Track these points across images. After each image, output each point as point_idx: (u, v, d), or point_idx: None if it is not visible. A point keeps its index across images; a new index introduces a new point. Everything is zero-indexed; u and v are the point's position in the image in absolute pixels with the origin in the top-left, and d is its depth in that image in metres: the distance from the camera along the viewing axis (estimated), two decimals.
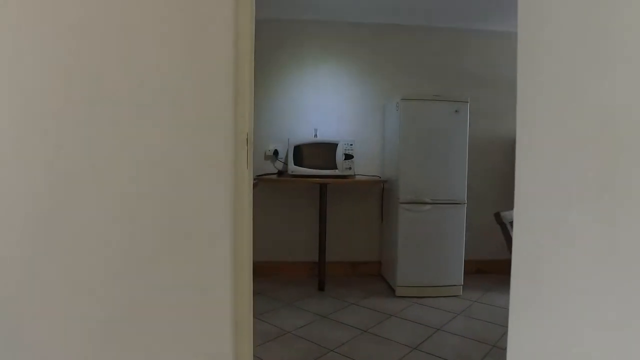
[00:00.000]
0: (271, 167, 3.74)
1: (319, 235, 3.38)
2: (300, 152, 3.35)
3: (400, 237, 3.21)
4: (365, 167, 3.80)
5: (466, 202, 3.25)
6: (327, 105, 3.76)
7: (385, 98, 3.79)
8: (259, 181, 3.39)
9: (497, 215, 1.65)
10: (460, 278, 3.28)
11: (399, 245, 3.21)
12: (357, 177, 3.53)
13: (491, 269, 3.96)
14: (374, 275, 3.82)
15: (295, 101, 3.74)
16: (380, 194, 3.83)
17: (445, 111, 3.18)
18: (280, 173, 3.66)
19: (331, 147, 3.35)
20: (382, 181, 3.47)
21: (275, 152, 3.70)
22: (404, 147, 3.18)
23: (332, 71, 3.76)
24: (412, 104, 3.17)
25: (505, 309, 2.78)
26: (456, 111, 3.18)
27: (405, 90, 3.66)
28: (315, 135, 3.63)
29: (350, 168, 3.35)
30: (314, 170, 3.34)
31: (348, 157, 3.34)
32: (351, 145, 3.35)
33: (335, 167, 3.34)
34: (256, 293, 3.20)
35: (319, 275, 3.38)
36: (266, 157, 3.74)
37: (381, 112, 3.80)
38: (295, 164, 3.34)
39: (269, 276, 3.67)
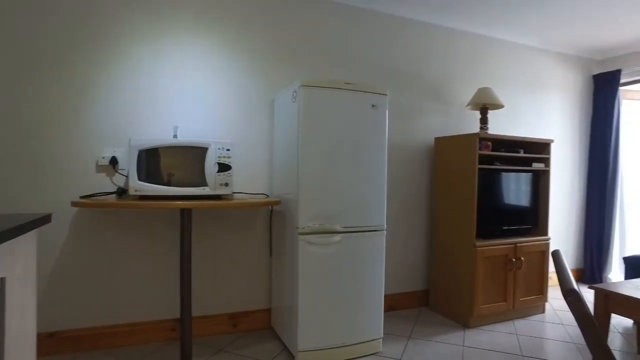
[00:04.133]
0: (108, 183, 2.48)
1: (181, 280, 2.24)
2: (151, 161, 2.18)
3: (301, 282, 2.24)
4: (246, 182, 2.76)
5: (385, 227, 2.44)
6: (193, 93, 2.65)
7: (276, 89, 2.83)
8: (85, 205, 2.11)
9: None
10: (379, 329, 2.44)
11: (299, 293, 2.24)
12: (237, 197, 2.47)
13: (402, 304, 3.27)
14: (262, 330, 2.79)
15: (144, 85, 2.54)
16: (268, 218, 2.83)
17: (360, 105, 2.33)
18: (122, 192, 2.43)
19: (198, 153, 2.24)
20: (270, 201, 2.44)
21: (114, 161, 2.46)
22: (305, 153, 2.24)
23: (202, 47, 2.66)
24: (317, 94, 2.24)
25: None
26: (373, 106, 2.36)
27: (307, 77, 2.76)
28: (175, 136, 2.48)
29: (226, 184, 2.27)
30: (172, 188, 2.19)
31: (223, 167, 2.27)
32: (228, 150, 2.28)
33: (204, 184, 2.24)
34: None
35: (181, 342, 2.24)
36: (99, 169, 2.47)
37: (269, 107, 2.82)
38: (140, 179, 2.15)
39: (105, 350, 2.39)
